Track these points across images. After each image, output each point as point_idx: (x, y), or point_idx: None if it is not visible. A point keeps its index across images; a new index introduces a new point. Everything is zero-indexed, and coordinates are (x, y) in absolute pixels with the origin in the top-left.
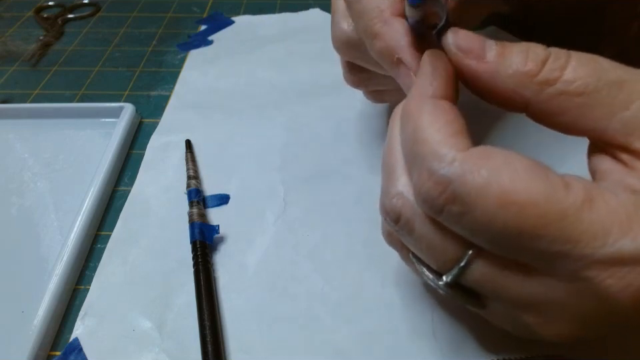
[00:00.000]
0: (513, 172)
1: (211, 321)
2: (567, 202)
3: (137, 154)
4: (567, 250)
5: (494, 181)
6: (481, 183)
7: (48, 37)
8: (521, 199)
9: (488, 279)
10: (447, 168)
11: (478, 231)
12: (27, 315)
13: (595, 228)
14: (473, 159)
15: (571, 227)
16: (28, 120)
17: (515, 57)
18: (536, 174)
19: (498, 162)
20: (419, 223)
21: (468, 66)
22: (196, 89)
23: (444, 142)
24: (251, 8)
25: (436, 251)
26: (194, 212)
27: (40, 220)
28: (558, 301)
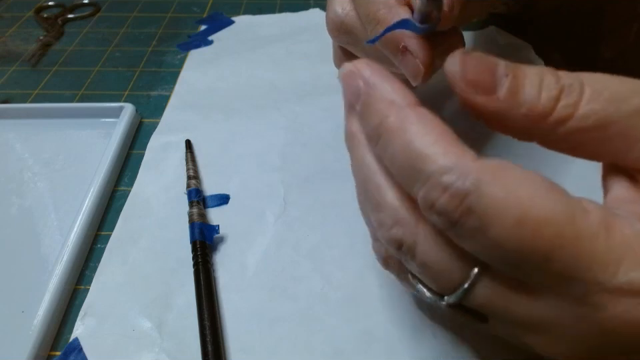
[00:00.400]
0: (532, 188)
1: (211, 321)
2: (584, 225)
3: (137, 154)
4: (579, 274)
5: (512, 196)
6: (498, 198)
7: (48, 37)
8: (540, 216)
9: (492, 300)
10: (462, 180)
11: (491, 247)
12: (27, 315)
13: (609, 255)
14: (489, 171)
15: (586, 251)
16: (28, 120)
17: (528, 92)
18: (555, 193)
19: (516, 176)
20: (420, 248)
21: (475, 102)
22: (196, 89)
23: (449, 153)
24: (251, 8)
25: (439, 272)
26: (194, 212)
27: (40, 220)
28: (563, 324)
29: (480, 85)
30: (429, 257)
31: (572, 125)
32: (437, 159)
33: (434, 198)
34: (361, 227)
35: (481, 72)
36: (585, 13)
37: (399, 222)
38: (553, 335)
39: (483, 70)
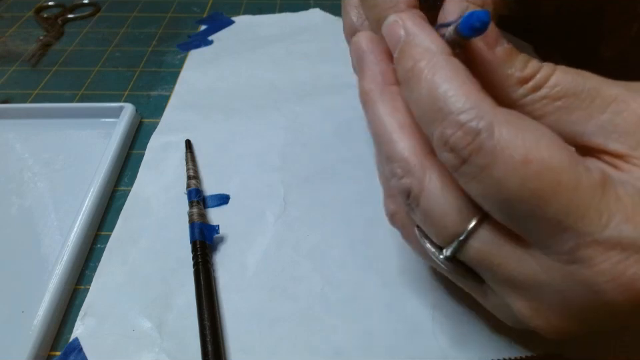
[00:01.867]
0: (541, 136)
1: (211, 321)
2: (583, 177)
3: (137, 154)
4: (571, 222)
5: (520, 137)
6: (507, 138)
7: (48, 37)
8: (543, 160)
9: (485, 254)
10: (477, 120)
11: (493, 187)
12: (27, 315)
13: (602, 208)
14: (504, 115)
15: (581, 201)
16: (28, 120)
17: (519, 61)
18: (561, 145)
19: (528, 124)
20: (425, 196)
21: (477, 47)
22: (196, 88)
23: (470, 97)
24: (251, 8)
25: (440, 222)
26: (194, 212)
27: (40, 220)
28: (551, 285)
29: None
30: (432, 205)
31: (542, 92)
32: (459, 100)
33: (449, 134)
34: (361, 227)
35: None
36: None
37: (409, 172)
38: (538, 297)
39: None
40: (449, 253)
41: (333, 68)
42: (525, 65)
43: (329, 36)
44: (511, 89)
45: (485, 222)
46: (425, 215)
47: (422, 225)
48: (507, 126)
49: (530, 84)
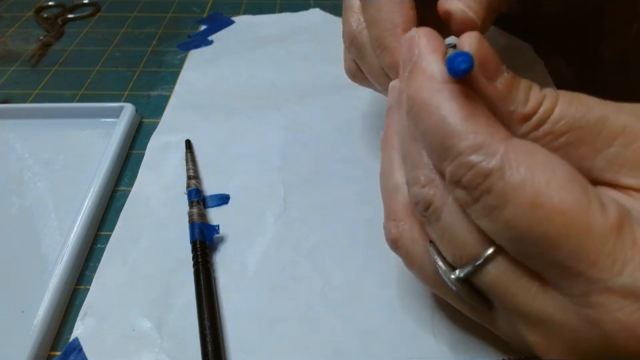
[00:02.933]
0: (551, 174)
1: (211, 321)
2: (597, 220)
3: (137, 154)
4: (582, 269)
5: (530, 179)
6: (518, 180)
7: (48, 37)
8: (553, 203)
9: (501, 283)
10: (488, 160)
11: (505, 227)
12: (27, 315)
13: (616, 254)
14: (515, 153)
15: (593, 246)
16: (28, 120)
17: (520, 93)
18: (574, 183)
19: (539, 160)
20: (447, 212)
21: (477, 81)
22: (196, 88)
23: (479, 132)
24: (251, 8)
25: (458, 241)
26: (194, 212)
27: (40, 220)
28: (564, 324)
29: (486, 68)
30: (452, 223)
31: (546, 128)
32: (467, 138)
33: (460, 175)
34: (361, 227)
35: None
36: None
37: (433, 182)
38: (553, 333)
39: (493, 56)
40: (462, 274)
41: (333, 68)
42: (527, 98)
43: (329, 36)
44: (514, 126)
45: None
46: (443, 230)
47: (438, 241)
48: (518, 165)
49: (533, 120)
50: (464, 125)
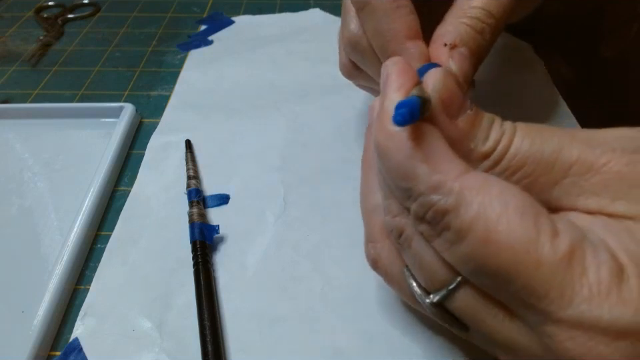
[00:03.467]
0: (503, 209)
1: (211, 321)
2: (545, 253)
3: (137, 154)
4: (533, 301)
5: (482, 215)
6: (471, 217)
7: (48, 37)
8: (502, 239)
9: (470, 309)
10: (445, 199)
11: (463, 261)
12: (27, 315)
13: (565, 287)
14: (469, 190)
15: (542, 279)
16: (28, 120)
17: (481, 131)
18: (525, 215)
19: (492, 195)
20: (417, 241)
21: (439, 121)
22: (196, 88)
23: (438, 171)
24: (251, 8)
25: (429, 270)
26: (194, 212)
27: (40, 220)
28: (529, 350)
29: (450, 107)
30: (422, 252)
31: (503, 164)
32: (425, 180)
33: (422, 213)
34: (361, 227)
35: (455, 95)
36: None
37: (403, 213)
38: (521, 356)
39: (458, 95)
40: (435, 299)
41: (333, 68)
42: (487, 135)
43: (329, 36)
44: (475, 163)
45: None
46: (415, 257)
47: (412, 267)
48: (472, 202)
49: (492, 157)
50: (421, 167)
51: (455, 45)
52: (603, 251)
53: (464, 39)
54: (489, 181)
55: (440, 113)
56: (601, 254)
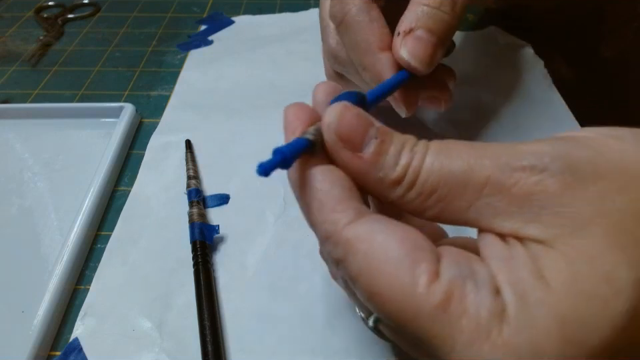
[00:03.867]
0: (384, 260)
1: (211, 321)
2: (422, 301)
3: (137, 154)
4: (423, 347)
5: (365, 267)
6: (357, 268)
7: (48, 37)
8: (384, 292)
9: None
10: (335, 250)
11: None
12: (27, 315)
13: (445, 333)
14: (355, 241)
15: (423, 327)
16: (28, 120)
17: (389, 158)
18: (405, 265)
19: (375, 244)
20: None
21: (341, 157)
22: (196, 89)
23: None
24: (251, 8)
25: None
26: (194, 212)
27: (40, 220)
28: None
29: (350, 141)
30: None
31: (416, 190)
32: (318, 229)
33: (326, 256)
34: None
35: (354, 129)
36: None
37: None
38: None
39: (357, 127)
40: (371, 323)
41: None
42: (396, 161)
43: None
44: (387, 192)
45: None
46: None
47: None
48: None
49: (403, 184)
50: (313, 215)
51: (411, 29)
52: (486, 289)
53: (421, 19)
54: (374, 229)
55: (340, 150)
56: (481, 293)
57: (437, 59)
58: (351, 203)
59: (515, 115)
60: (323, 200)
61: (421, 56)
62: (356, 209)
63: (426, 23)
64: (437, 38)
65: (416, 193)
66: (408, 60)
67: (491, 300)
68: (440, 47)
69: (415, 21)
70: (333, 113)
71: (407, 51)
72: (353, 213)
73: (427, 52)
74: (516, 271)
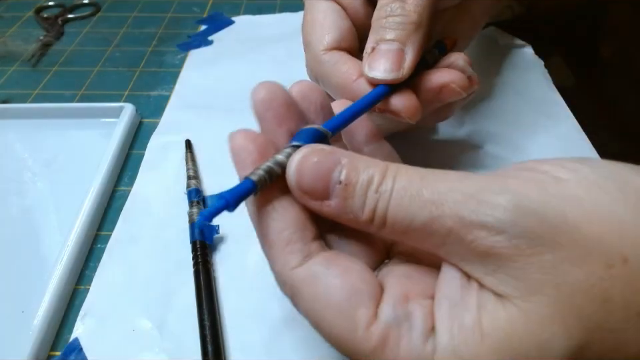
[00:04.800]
0: (325, 305)
1: (211, 321)
2: (361, 343)
3: (137, 154)
4: None
5: (311, 310)
6: (304, 309)
7: (48, 37)
8: (327, 334)
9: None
10: (284, 288)
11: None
12: (27, 315)
13: None
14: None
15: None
16: (28, 120)
17: (355, 201)
18: (343, 311)
19: (319, 289)
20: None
21: (309, 206)
22: (196, 89)
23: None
24: (251, 8)
25: None
26: (194, 212)
27: (40, 220)
28: None
29: (314, 192)
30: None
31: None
32: (270, 262)
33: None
34: None
35: (315, 181)
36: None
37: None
38: None
39: (318, 179)
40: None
41: None
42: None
43: None
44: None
45: None
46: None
47: None
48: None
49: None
50: (266, 250)
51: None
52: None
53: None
54: (319, 273)
55: (307, 201)
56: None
57: (408, 61)
58: (301, 244)
59: (516, 115)
60: (274, 240)
61: (386, 66)
62: (304, 252)
63: (383, 34)
64: (398, 42)
65: (387, 233)
66: (374, 76)
67: (422, 343)
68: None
69: (374, 39)
70: (293, 167)
71: (371, 68)
72: (301, 256)
73: (392, 59)
74: (458, 318)
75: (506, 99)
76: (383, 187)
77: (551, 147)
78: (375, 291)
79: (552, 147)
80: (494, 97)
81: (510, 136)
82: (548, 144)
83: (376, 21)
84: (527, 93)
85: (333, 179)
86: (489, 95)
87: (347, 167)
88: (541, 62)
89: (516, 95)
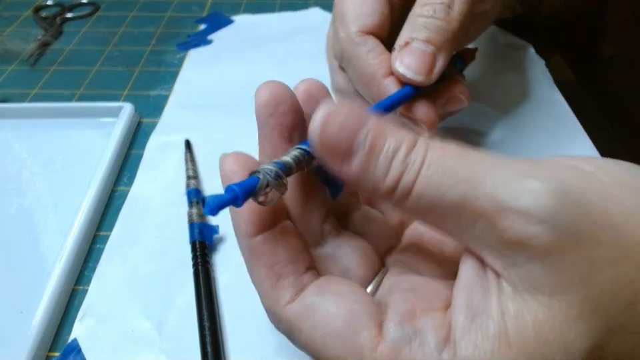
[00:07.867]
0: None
1: (211, 321)
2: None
3: (136, 154)
4: None
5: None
6: (303, 342)
7: (46, 37)
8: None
9: None
10: (279, 325)
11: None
12: (26, 316)
13: None
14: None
15: None
16: (26, 120)
17: (378, 168)
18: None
19: (315, 321)
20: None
21: (331, 166)
22: (195, 88)
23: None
24: (251, 7)
25: None
26: (193, 212)
27: (39, 220)
28: None
29: (336, 150)
30: None
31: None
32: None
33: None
34: None
35: (339, 138)
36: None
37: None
38: None
39: (342, 138)
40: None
41: None
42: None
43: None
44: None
45: None
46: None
47: None
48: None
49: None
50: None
51: (407, 42)
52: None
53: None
54: (314, 304)
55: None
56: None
57: (438, 68)
58: (293, 278)
59: (517, 115)
60: (265, 276)
61: (418, 67)
62: (297, 286)
63: (421, 33)
64: (434, 47)
65: (410, 208)
66: (404, 73)
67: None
68: (440, 55)
69: (410, 34)
70: (318, 120)
71: (402, 64)
72: (293, 290)
73: (424, 62)
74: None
75: (507, 98)
76: (412, 157)
77: (552, 145)
78: (373, 310)
79: (553, 145)
80: (495, 96)
81: (511, 135)
82: (549, 143)
83: (417, 16)
84: (528, 92)
85: (358, 139)
86: (490, 94)
87: (374, 130)
88: (542, 61)
89: (517, 94)
